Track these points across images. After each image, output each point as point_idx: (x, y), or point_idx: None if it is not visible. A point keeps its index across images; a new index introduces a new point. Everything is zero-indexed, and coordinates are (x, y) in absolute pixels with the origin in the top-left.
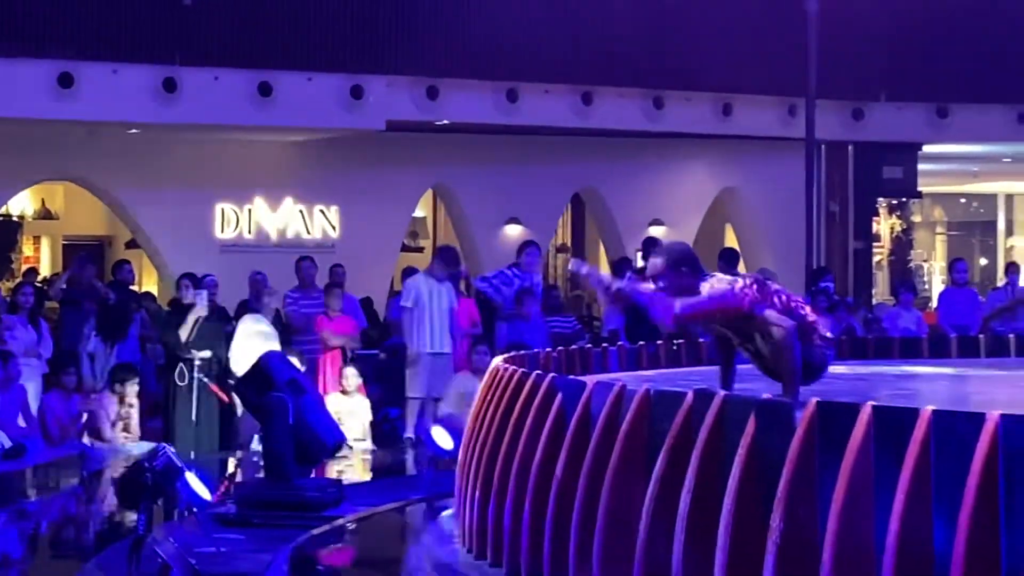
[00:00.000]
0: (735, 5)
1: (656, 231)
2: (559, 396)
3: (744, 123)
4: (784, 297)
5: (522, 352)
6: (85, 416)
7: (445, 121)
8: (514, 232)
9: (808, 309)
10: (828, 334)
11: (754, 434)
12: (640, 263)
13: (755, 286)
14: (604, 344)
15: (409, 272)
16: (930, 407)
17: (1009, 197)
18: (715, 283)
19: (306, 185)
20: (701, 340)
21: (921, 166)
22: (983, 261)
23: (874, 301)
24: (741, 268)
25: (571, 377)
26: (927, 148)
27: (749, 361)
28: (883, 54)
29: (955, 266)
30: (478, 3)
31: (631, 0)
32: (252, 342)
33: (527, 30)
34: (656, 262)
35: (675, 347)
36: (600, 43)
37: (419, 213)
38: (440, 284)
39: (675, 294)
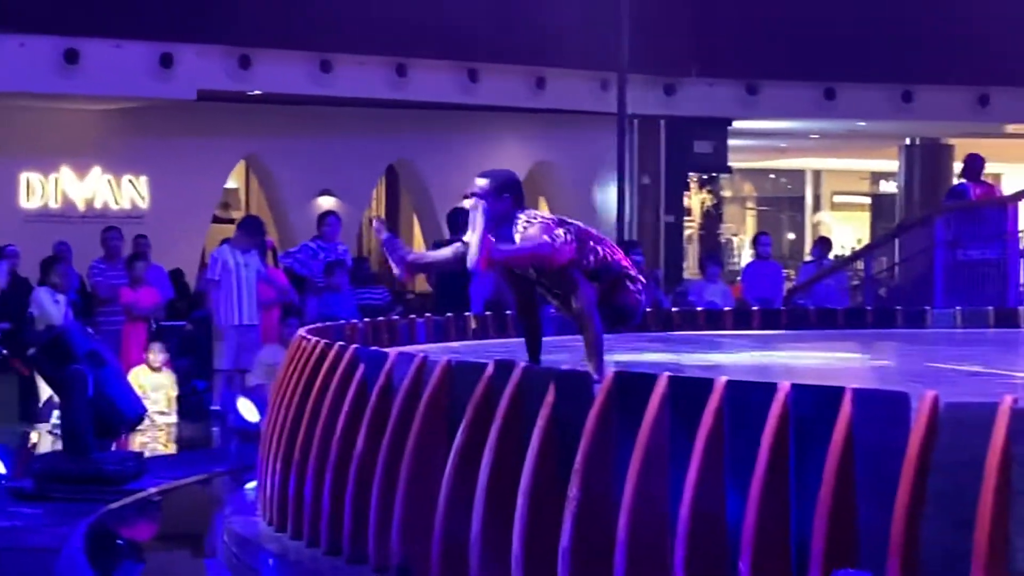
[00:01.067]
0: None
1: (470, 204)
2: (361, 367)
3: (557, 97)
4: (600, 250)
5: (328, 323)
6: None
7: (257, 91)
8: (327, 204)
9: (622, 256)
10: (641, 279)
11: (553, 404)
12: (447, 234)
13: (575, 243)
14: (412, 316)
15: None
16: (724, 377)
17: (816, 173)
18: (531, 222)
19: (115, 155)
20: (508, 312)
21: (731, 141)
22: (791, 236)
23: (685, 275)
24: None
25: (373, 348)
26: (737, 124)
27: (553, 308)
28: (694, 30)
29: (759, 240)
30: None
31: None
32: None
33: (341, 0)
34: (481, 183)
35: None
36: (415, 14)
37: (231, 184)
38: (246, 255)
39: (493, 220)
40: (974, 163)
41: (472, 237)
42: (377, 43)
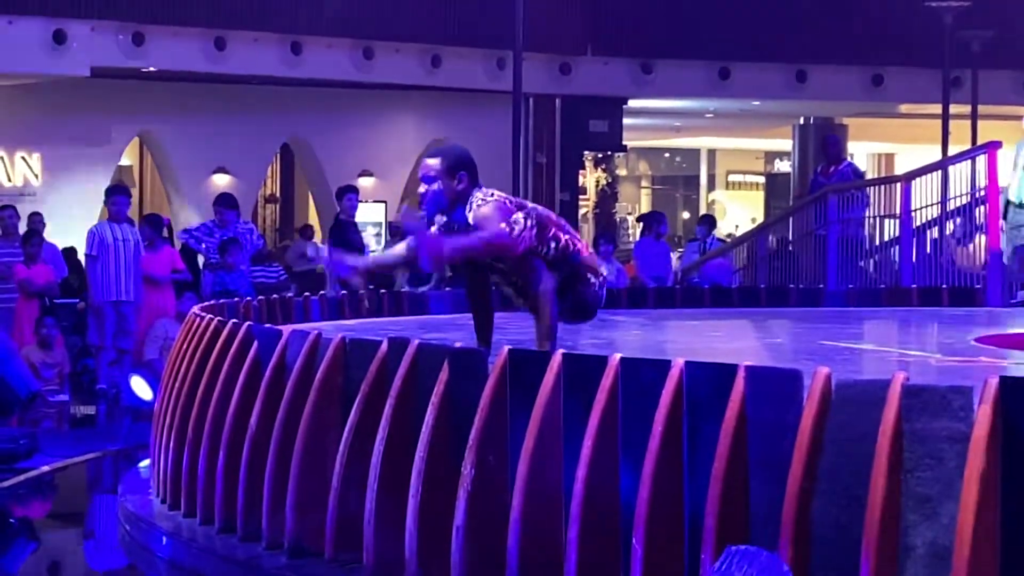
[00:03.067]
0: None
1: (365, 182)
2: (255, 345)
3: (452, 75)
4: (562, 238)
5: (222, 300)
6: None
7: (152, 68)
8: (222, 182)
9: (584, 245)
10: (604, 271)
11: (447, 382)
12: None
13: (535, 229)
14: (307, 294)
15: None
16: (618, 355)
17: (711, 152)
18: (486, 201)
19: (7, 131)
20: (404, 289)
21: (626, 120)
22: (686, 215)
23: None
24: None
25: (267, 326)
26: (632, 103)
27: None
28: (589, 9)
29: (660, 221)
30: None
31: None
32: None
33: None
34: (433, 164)
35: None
36: None
37: (125, 161)
38: (123, 229)
39: (448, 201)
40: (835, 144)
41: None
42: (271, 21)
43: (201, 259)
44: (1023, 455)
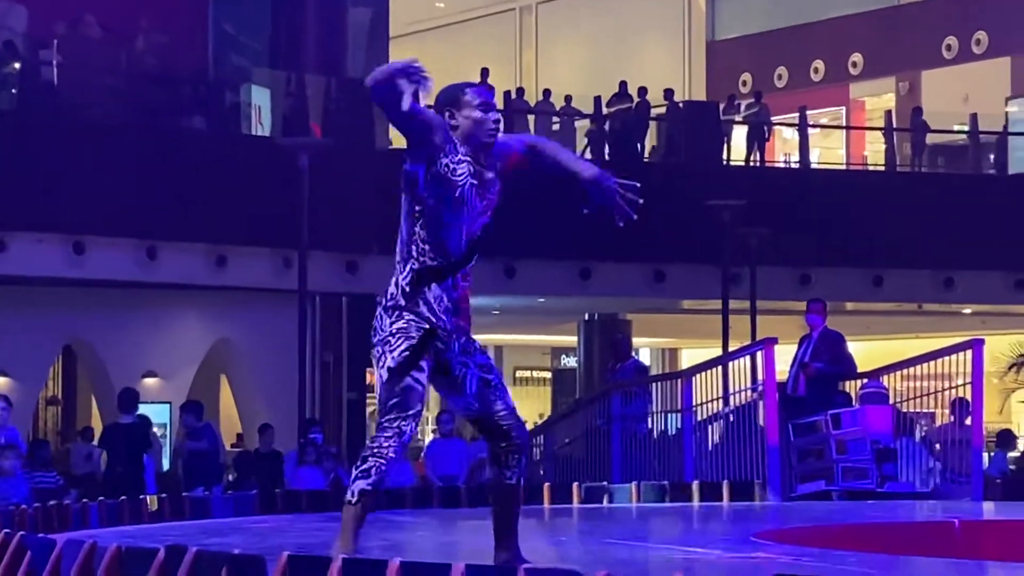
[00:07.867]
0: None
1: (150, 383)
2: (28, 555)
3: (239, 274)
4: None
5: None
6: None
7: None
8: (1, 384)
9: None
10: None
11: None
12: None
13: None
14: (84, 500)
15: None
16: (398, 559)
17: (498, 348)
18: None
19: None
20: (184, 495)
21: None
22: None
23: None
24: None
25: (42, 535)
26: None
27: None
28: (374, 209)
29: (440, 418)
30: None
31: (124, 148)
32: None
33: (11, 175)
34: None
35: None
36: (90, 190)
37: None
38: None
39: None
40: (621, 343)
41: None
42: (53, 221)
43: None
44: None
